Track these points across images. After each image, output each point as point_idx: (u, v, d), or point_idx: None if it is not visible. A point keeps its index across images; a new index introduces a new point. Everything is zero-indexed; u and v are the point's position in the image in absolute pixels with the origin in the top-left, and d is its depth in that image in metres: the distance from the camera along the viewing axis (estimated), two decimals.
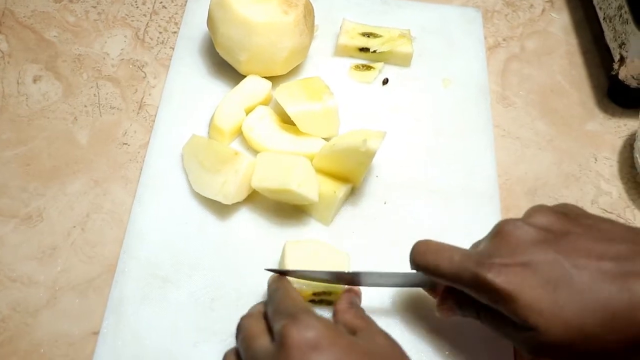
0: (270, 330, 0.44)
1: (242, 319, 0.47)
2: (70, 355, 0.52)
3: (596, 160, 0.67)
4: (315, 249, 0.54)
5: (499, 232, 0.45)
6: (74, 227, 0.59)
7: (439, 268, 0.46)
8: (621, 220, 0.62)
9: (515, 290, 0.41)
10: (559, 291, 0.40)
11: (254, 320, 0.46)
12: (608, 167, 0.66)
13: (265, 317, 0.46)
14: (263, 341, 0.43)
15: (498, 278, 0.41)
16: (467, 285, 0.44)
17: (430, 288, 0.52)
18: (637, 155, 0.63)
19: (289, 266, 0.52)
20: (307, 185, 0.56)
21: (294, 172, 0.56)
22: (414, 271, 0.49)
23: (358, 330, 0.44)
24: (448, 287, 0.48)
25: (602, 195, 0.64)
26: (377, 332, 0.44)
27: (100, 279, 0.56)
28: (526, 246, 0.43)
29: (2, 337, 0.53)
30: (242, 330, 0.46)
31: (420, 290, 0.53)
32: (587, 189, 0.65)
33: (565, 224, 0.44)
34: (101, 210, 0.60)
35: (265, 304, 0.48)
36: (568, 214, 0.45)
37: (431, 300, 0.52)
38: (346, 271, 0.52)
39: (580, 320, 0.40)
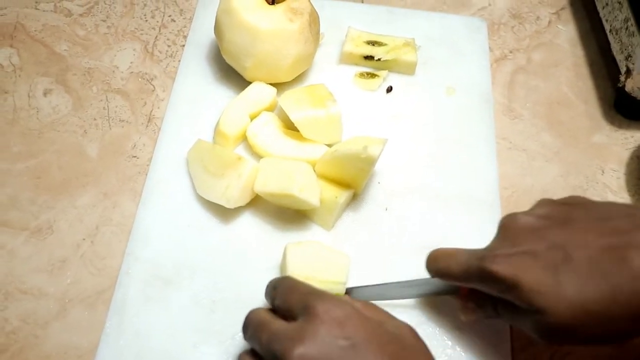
0: (282, 317, 0.44)
1: (248, 314, 0.47)
2: None
3: (603, 172, 0.67)
4: (316, 250, 0.55)
5: (502, 226, 0.48)
6: (84, 239, 0.59)
7: (450, 270, 0.48)
8: None
9: (518, 276, 0.43)
10: (560, 272, 0.42)
11: (261, 312, 0.46)
12: (615, 179, 0.66)
13: (272, 310, 0.47)
14: (279, 323, 0.43)
15: (500, 267, 0.43)
16: (476, 280, 0.46)
17: (454, 294, 0.52)
18: None
19: (291, 267, 0.54)
20: (309, 190, 0.57)
21: (295, 177, 0.57)
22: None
23: (384, 322, 0.44)
24: (468, 290, 0.50)
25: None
26: (402, 325, 0.45)
27: (109, 291, 0.56)
28: (526, 235, 0.45)
29: (12, 349, 0.53)
30: (251, 322, 0.45)
31: None
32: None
33: (565, 211, 0.46)
34: (110, 222, 0.60)
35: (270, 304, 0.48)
36: (570, 202, 0.47)
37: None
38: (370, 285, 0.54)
39: (583, 297, 0.41)
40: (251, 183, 0.58)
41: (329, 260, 0.55)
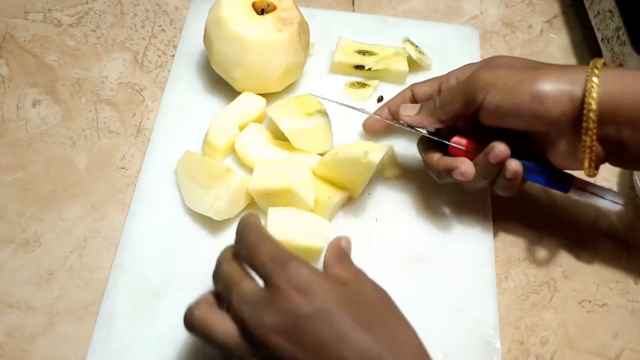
0: (249, 273, 0.45)
1: (219, 264, 0.47)
2: None
3: (595, 182, 0.66)
4: (297, 215, 0.57)
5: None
6: (71, 252, 0.59)
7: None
8: (621, 244, 0.62)
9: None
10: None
11: (230, 267, 0.46)
12: None
13: (239, 259, 0.47)
14: (248, 285, 0.44)
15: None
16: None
17: None
18: (637, 178, 0.63)
19: (271, 230, 0.55)
20: (306, 187, 0.57)
21: (294, 172, 0.57)
22: None
23: (348, 281, 0.45)
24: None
25: (602, 217, 0.64)
26: (366, 282, 0.46)
27: (96, 304, 0.56)
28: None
29: None
30: (221, 276, 0.46)
31: None
32: (587, 210, 0.64)
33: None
34: (98, 235, 0.60)
35: (235, 248, 0.47)
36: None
37: None
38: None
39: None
40: (240, 195, 0.58)
41: (309, 225, 0.56)
